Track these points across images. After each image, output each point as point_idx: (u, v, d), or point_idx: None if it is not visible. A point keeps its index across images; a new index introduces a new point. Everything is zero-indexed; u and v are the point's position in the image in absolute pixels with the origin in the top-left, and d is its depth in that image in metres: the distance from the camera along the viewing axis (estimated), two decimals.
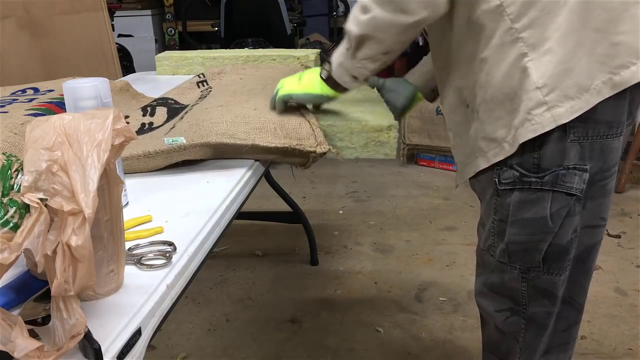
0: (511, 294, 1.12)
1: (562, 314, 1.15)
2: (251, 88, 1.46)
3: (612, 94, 0.99)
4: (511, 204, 1.05)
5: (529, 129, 0.99)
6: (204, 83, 1.61)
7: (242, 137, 1.16)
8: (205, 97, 1.44)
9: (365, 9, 1.04)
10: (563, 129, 0.99)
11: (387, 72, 1.42)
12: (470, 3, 1.01)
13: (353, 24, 1.06)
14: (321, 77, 1.21)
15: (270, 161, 1.28)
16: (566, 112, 0.98)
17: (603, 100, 0.99)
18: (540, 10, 0.98)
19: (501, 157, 1.04)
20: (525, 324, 1.13)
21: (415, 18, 1.00)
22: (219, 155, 1.18)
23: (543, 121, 0.99)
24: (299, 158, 1.23)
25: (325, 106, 1.36)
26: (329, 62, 1.17)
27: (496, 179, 1.06)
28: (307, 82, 1.25)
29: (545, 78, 0.98)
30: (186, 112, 1.34)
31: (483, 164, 1.07)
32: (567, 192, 1.02)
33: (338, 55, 1.14)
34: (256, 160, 1.21)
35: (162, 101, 1.47)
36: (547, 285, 1.10)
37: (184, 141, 1.14)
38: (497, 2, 0.99)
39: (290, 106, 1.28)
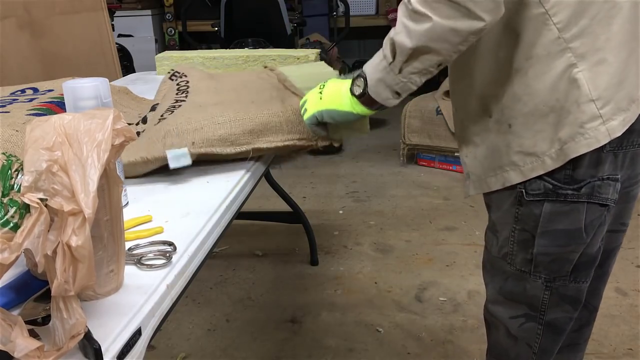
0: (530, 302, 1.09)
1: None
2: (232, 85, 1.45)
3: None
4: (542, 215, 1.01)
5: (582, 144, 0.95)
6: (177, 74, 1.57)
7: (245, 141, 1.15)
8: (186, 90, 1.41)
9: (419, 17, 0.90)
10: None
11: None
12: (510, 9, 0.93)
13: (404, 35, 0.92)
14: (352, 93, 1.06)
15: (270, 162, 1.28)
16: (619, 124, 0.95)
17: None
18: (591, 18, 0.93)
19: (540, 172, 0.99)
20: (542, 329, 1.11)
21: (482, 24, 0.89)
22: (222, 158, 1.18)
23: (598, 135, 0.94)
24: (303, 150, 1.22)
25: None
26: (363, 77, 1.03)
27: (522, 190, 1.02)
28: (332, 96, 1.10)
29: (600, 90, 0.93)
30: (175, 107, 1.31)
31: (517, 179, 1.02)
32: (602, 203, 1.00)
33: (375, 70, 1.00)
34: (259, 158, 1.21)
35: (153, 108, 1.46)
36: (573, 293, 1.08)
37: (186, 151, 1.11)
38: (542, 10, 0.92)
39: (321, 122, 1.18)
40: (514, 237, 1.06)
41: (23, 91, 1.51)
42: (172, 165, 1.09)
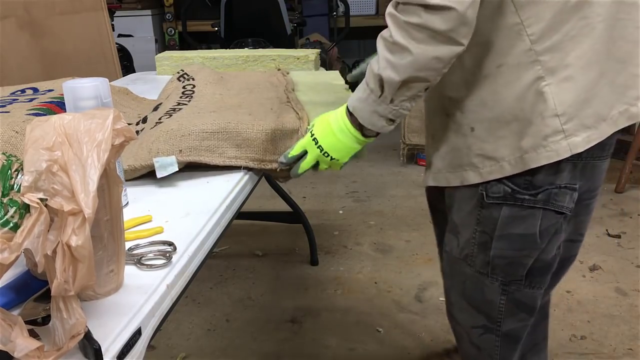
0: (488, 309, 1.11)
1: None
2: (239, 90, 1.45)
3: (626, 125, 0.99)
4: (500, 219, 1.03)
5: (543, 155, 0.97)
6: (185, 76, 1.57)
7: (233, 155, 1.14)
8: (191, 95, 1.41)
9: (400, 50, 0.92)
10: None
11: None
12: (485, 17, 0.94)
13: (390, 71, 0.93)
14: (355, 128, 1.05)
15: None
16: (582, 141, 0.97)
17: None
18: (564, 34, 0.94)
19: (497, 176, 1.02)
20: (499, 340, 1.13)
21: (462, 48, 0.91)
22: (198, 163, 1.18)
23: (559, 149, 0.97)
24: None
25: None
26: (349, 113, 1.04)
27: (483, 192, 1.04)
28: (329, 139, 1.08)
29: (565, 106, 0.95)
30: (175, 110, 1.31)
31: (474, 179, 1.05)
32: (558, 210, 1.02)
33: (365, 104, 1.00)
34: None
35: (155, 108, 1.46)
36: (527, 299, 1.10)
37: (174, 159, 1.09)
38: (517, 20, 0.94)
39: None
40: (474, 239, 1.08)
41: (23, 91, 1.51)
42: (160, 174, 1.07)
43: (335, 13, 5.13)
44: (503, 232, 1.04)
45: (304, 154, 1.09)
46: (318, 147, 1.07)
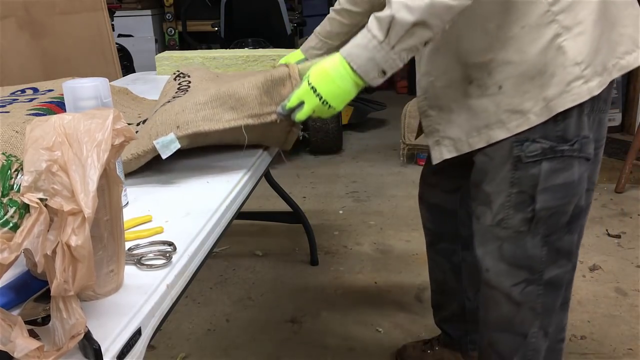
0: (529, 263, 1.21)
1: None
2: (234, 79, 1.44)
3: (619, 75, 1.14)
4: (541, 173, 1.14)
5: (568, 100, 1.10)
6: (181, 75, 1.57)
7: (231, 118, 1.12)
8: (186, 89, 1.40)
9: None
10: (581, 104, 1.11)
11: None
12: None
13: (406, 12, 1.00)
14: (355, 73, 1.06)
15: (270, 162, 1.27)
16: (596, 85, 1.10)
17: None
18: None
19: (525, 128, 1.13)
20: (542, 289, 1.23)
21: (469, 2, 1.01)
22: (217, 141, 1.16)
23: (580, 92, 1.10)
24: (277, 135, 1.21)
25: None
26: (344, 58, 1.06)
27: (520, 154, 1.14)
28: (337, 86, 1.09)
29: (583, 55, 1.09)
30: (170, 101, 1.29)
31: (502, 135, 1.15)
32: (587, 157, 1.16)
33: (364, 49, 1.04)
34: (260, 155, 1.21)
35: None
36: (567, 245, 1.22)
37: (173, 136, 1.09)
38: None
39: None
40: (509, 202, 1.18)
41: (23, 91, 1.51)
42: (164, 154, 1.07)
43: None
44: (546, 184, 1.15)
45: (301, 104, 1.10)
46: (317, 96, 1.09)
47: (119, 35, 4.66)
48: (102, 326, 0.66)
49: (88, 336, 0.61)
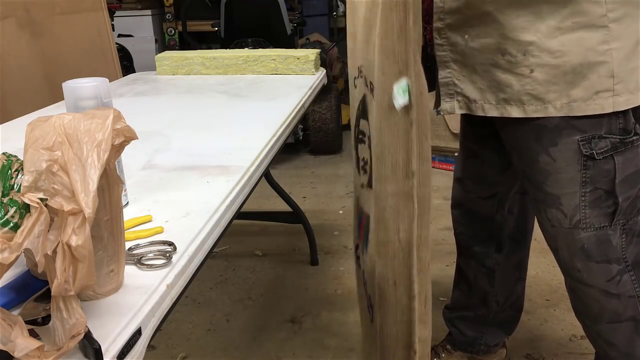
0: (616, 255, 1.23)
1: None
2: None
3: None
4: (616, 167, 1.17)
5: (590, 107, 1.13)
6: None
7: None
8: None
9: None
10: None
11: None
12: None
13: None
14: None
15: (270, 162, 1.27)
16: (623, 102, 1.13)
17: None
18: (630, 9, 1.10)
19: (540, 115, 1.16)
20: (633, 273, 1.24)
21: None
22: None
23: (604, 104, 1.13)
24: None
25: None
26: None
27: (591, 152, 1.16)
28: None
29: (619, 69, 1.11)
30: None
31: (515, 114, 1.18)
32: None
33: None
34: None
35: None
36: (639, 225, 1.24)
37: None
38: None
39: None
40: (584, 201, 1.20)
41: None
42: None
43: (335, 13, 5.13)
44: (622, 176, 1.18)
45: None
46: None
47: (119, 35, 4.66)
48: (102, 326, 0.66)
49: (88, 336, 0.61)
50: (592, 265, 1.24)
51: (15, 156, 0.67)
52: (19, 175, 0.63)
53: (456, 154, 1.64)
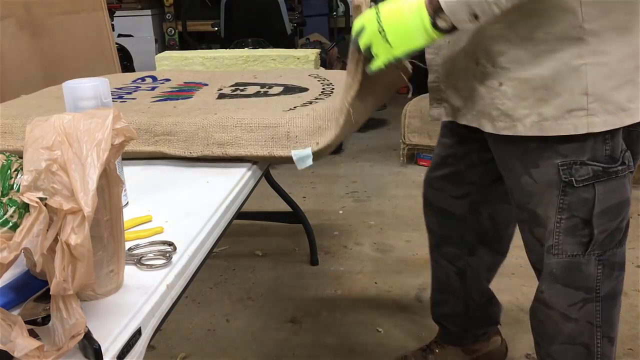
0: (586, 284, 1.17)
1: None
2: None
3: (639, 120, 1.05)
4: (596, 197, 1.08)
5: (563, 127, 1.04)
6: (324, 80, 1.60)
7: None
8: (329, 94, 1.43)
9: None
10: None
11: None
12: None
13: None
14: (428, 13, 0.96)
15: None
16: (600, 122, 1.03)
17: None
18: (611, 22, 1.00)
19: (509, 133, 1.09)
20: (600, 305, 1.19)
21: None
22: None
23: (578, 124, 1.03)
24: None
25: None
26: None
27: (570, 179, 1.08)
28: (403, 19, 0.98)
29: (594, 87, 1.01)
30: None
31: (487, 128, 1.12)
32: (632, 170, 1.11)
33: None
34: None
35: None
36: (620, 258, 1.19)
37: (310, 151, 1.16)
38: None
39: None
40: (559, 227, 1.13)
41: (143, 79, 1.74)
42: (299, 166, 1.16)
43: (335, 13, 5.13)
44: (602, 207, 1.09)
45: (362, 30, 1.02)
46: (378, 21, 0.98)
47: (119, 35, 4.66)
48: (102, 326, 0.65)
49: (88, 336, 0.61)
50: (557, 287, 1.19)
51: (15, 156, 0.67)
52: (19, 175, 0.63)
53: None
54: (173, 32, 5.22)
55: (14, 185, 0.62)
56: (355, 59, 1.08)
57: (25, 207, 0.59)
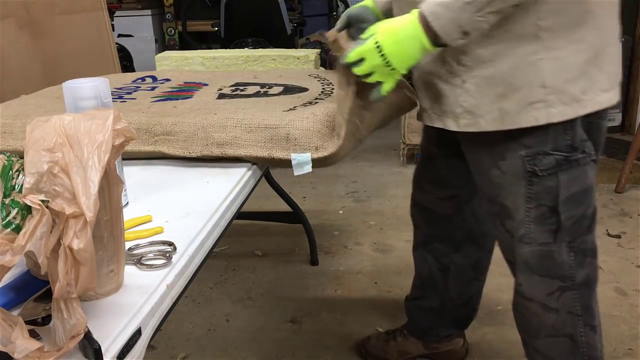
0: (560, 272, 1.20)
1: None
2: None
3: (594, 110, 1.11)
4: (560, 185, 1.13)
5: (524, 119, 1.09)
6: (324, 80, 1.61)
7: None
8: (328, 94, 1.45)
9: None
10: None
11: None
12: None
13: None
14: (426, 35, 1.03)
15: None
16: (557, 113, 1.08)
17: None
18: (566, 18, 1.05)
19: (472, 130, 1.13)
20: (577, 292, 1.22)
21: None
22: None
23: (538, 116, 1.08)
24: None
25: None
26: (424, 16, 1.02)
27: (535, 169, 1.13)
28: (403, 47, 1.06)
29: (550, 80, 1.06)
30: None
31: (451, 126, 1.16)
32: (594, 159, 1.16)
33: (446, 9, 1.00)
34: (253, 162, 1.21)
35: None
36: (590, 244, 1.22)
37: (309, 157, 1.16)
38: None
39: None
40: (528, 217, 1.17)
41: (143, 79, 1.74)
42: (297, 172, 1.16)
43: (335, 13, 5.13)
44: (566, 194, 1.14)
45: (361, 60, 1.08)
46: (381, 55, 1.06)
47: (119, 35, 4.66)
48: (102, 326, 0.66)
49: (88, 336, 0.61)
50: (533, 277, 1.22)
51: (16, 156, 0.67)
52: (20, 176, 0.63)
53: None
54: (173, 32, 5.22)
55: (16, 186, 0.62)
56: (346, 74, 1.13)
57: (27, 209, 0.59)
